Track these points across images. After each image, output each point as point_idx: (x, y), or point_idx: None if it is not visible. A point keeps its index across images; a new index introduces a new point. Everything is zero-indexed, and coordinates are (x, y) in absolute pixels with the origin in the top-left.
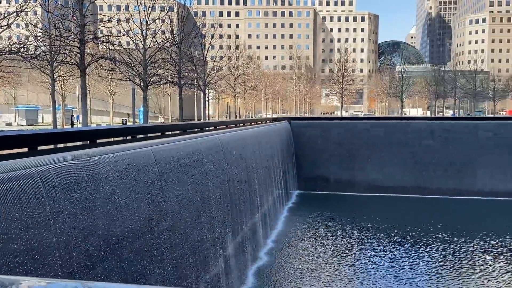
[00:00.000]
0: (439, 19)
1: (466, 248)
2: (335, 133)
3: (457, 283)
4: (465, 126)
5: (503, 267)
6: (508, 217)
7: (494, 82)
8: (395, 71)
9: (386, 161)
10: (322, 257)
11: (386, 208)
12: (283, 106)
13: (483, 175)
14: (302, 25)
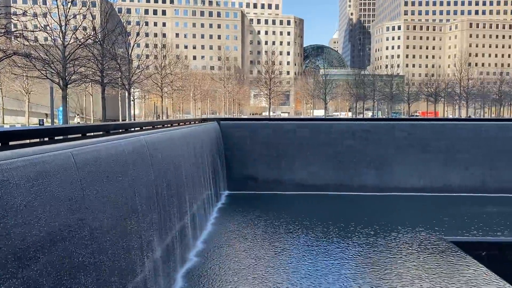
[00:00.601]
0: (359, 25)
1: (385, 240)
2: (263, 134)
3: (378, 273)
4: (383, 126)
5: (419, 256)
6: (422, 210)
7: (409, 86)
8: (319, 74)
9: (311, 160)
10: (251, 256)
11: (312, 205)
12: (212, 106)
13: (399, 172)
14: (230, 26)
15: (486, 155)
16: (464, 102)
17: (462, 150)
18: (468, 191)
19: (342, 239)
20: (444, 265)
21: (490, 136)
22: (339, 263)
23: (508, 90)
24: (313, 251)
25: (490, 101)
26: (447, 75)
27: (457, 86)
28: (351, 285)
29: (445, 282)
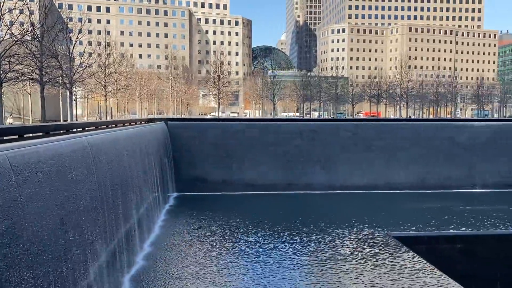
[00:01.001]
0: (306, 27)
1: (332, 236)
2: (212, 134)
3: (325, 269)
4: (329, 127)
5: (364, 251)
6: (366, 207)
7: (353, 87)
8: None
9: (260, 160)
10: (201, 257)
11: (261, 205)
12: (159, 106)
13: (345, 170)
14: (177, 25)
15: (424, 153)
16: (404, 103)
17: (403, 149)
18: (409, 188)
19: (291, 237)
20: (387, 260)
21: (428, 135)
22: (288, 261)
23: (444, 92)
24: (263, 250)
25: (428, 102)
26: (388, 77)
27: (397, 87)
28: (300, 281)
29: (387, 275)
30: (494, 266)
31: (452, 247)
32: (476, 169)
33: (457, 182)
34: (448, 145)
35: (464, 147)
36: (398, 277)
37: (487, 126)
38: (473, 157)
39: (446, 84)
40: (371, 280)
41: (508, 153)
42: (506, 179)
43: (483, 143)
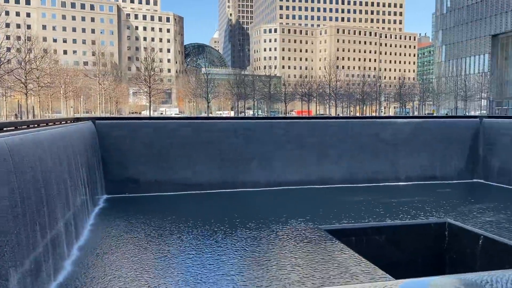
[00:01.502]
0: (238, 25)
1: (267, 232)
2: (144, 133)
3: (261, 264)
4: (263, 125)
5: (297, 245)
6: (300, 202)
7: (285, 86)
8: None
9: (195, 159)
10: (133, 260)
11: (197, 205)
12: (86, 105)
13: (279, 167)
14: (105, 20)
15: (353, 149)
16: (333, 102)
17: (332, 145)
18: (339, 183)
19: (227, 235)
20: (319, 252)
21: (355, 132)
22: (225, 259)
23: (369, 91)
24: (198, 250)
25: (355, 100)
26: (318, 77)
27: (327, 87)
28: (237, 277)
29: (319, 267)
30: (415, 253)
31: (379, 238)
32: (400, 163)
33: (383, 176)
34: (374, 141)
35: (388, 142)
36: (329, 269)
37: (408, 123)
38: (396, 152)
39: (371, 84)
40: (304, 272)
41: (427, 148)
42: (426, 172)
43: (405, 139)
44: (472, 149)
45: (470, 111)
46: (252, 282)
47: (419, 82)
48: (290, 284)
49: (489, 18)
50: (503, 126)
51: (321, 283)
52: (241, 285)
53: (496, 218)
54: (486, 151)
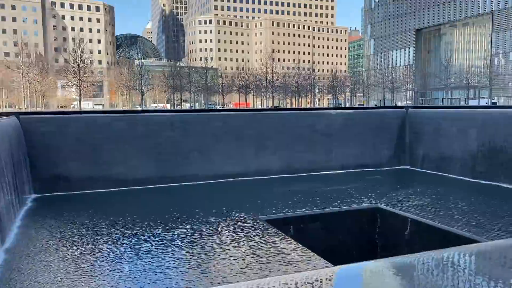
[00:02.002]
0: (172, 16)
1: (207, 225)
2: (74, 128)
3: (201, 258)
4: (200, 117)
5: (238, 236)
6: (239, 194)
7: (222, 78)
8: (134, 64)
9: (130, 154)
10: (65, 262)
11: (133, 201)
12: (9, 99)
13: (217, 160)
14: (27, 8)
15: (290, 140)
16: (270, 94)
17: (270, 136)
18: (277, 173)
19: (166, 230)
20: (259, 242)
21: (292, 123)
22: (164, 255)
23: (304, 83)
24: (137, 247)
25: (291, 92)
26: (255, 69)
27: (264, 79)
28: (177, 272)
29: (259, 256)
30: (350, 238)
31: (315, 225)
32: (334, 153)
33: (318, 165)
34: (309, 132)
35: (323, 133)
36: (268, 257)
37: (341, 114)
38: (331, 142)
39: (305, 76)
40: (245, 262)
41: (359, 137)
42: (358, 160)
43: (338, 129)
44: (399, 138)
45: (397, 102)
46: (193, 276)
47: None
48: (230, 274)
49: (413, 13)
50: (426, 115)
51: (261, 271)
52: (181, 279)
53: (422, 201)
54: (411, 139)
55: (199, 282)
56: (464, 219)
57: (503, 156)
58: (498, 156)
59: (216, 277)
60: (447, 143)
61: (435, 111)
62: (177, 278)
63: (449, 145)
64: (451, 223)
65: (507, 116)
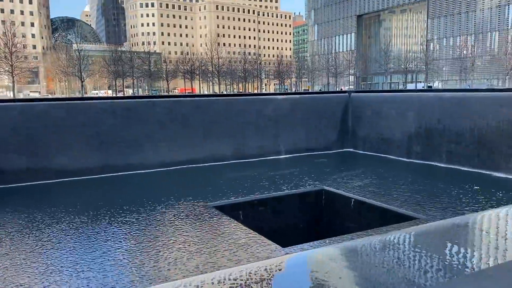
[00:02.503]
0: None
1: (156, 214)
2: (8, 117)
3: (151, 247)
4: (145, 104)
5: (188, 224)
6: (187, 181)
7: (166, 63)
8: (73, 49)
9: (70, 143)
10: (5, 259)
11: (76, 192)
12: None
13: (164, 148)
14: None
15: (236, 126)
16: (216, 79)
17: (217, 123)
18: (225, 159)
19: (113, 221)
20: (208, 229)
21: (239, 109)
22: (112, 246)
23: (250, 69)
24: (83, 240)
25: (238, 78)
26: (200, 54)
27: (209, 64)
28: (126, 262)
29: (208, 243)
30: (298, 220)
31: (265, 209)
32: (281, 138)
33: (266, 150)
34: (257, 118)
35: (270, 118)
36: (218, 243)
37: (287, 99)
38: (278, 127)
39: (252, 61)
40: (193, 249)
41: (305, 122)
42: (304, 145)
43: (285, 115)
44: (343, 122)
45: (340, 87)
46: (142, 265)
47: (295, 59)
48: (180, 263)
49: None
50: (367, 99)
51: (211, 257)
52: (131, 268)
53: (364, 182)
54: (354, 123)
55: (147, 273)
56: (403, 198)
57: (437, 137)
58: (433, 137)
59: (165, 266)
60: (387, 125)
61: (375, 95)
62: (127, 266)
63: (389, 128)
64: (391, 202)
65: (441, 99)
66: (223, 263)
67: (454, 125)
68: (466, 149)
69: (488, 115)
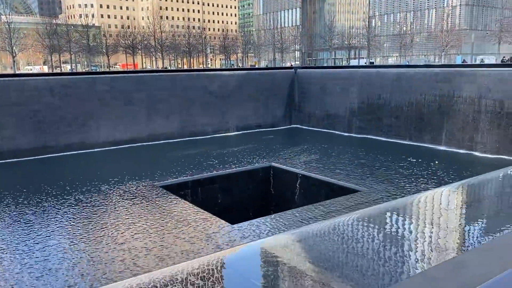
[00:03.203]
0: None
1: (102, 195)
2: None
3: (99, 227)
4: (84, 81)
5: (135, 204)
6: (133, 161)
7: (106, 38)
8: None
9: (4, 123)
10: None
11: (12, 174)
12: None
13: (106, 126)
14: None
15: (182, 103)
16: (159, 54)
17: (162, 100)
18: (171, 138)
19: (55, 203)
20: (156, 209)
21: (184, 85)
22: (55, 229)
23: (195, 43)
24: (23, 223)
25: (182, 53)
26: (142, 28)
27: (152, 38)
28: (69, 245)
29: (156, 223)
30: (247, 197)
31: (213, 187)
32: (228, 115)
33: (213, 127)
34: (203, 94)
35: (217, 95)
36: (166, 222)
37: (234, 75)
38: (225, 104)
39: (196, 35)
40: (145, 229)
41: (252, 99)
42: (252, 121)
43: (232, 91)
44: (289, 98)
45: (286, 62)
46: (87, 247)
47: (241, 34)
48: (126, 242)
49: None
50: (312, 75)
51: (159, 237)
52: (74, 251)
53: (310, 158)
54: (300, 99)
55: (91, 255)
56: (346, 172)
57: (378, 112)
58: (374, 112)
59: (112, 249)
60: (332, 101)
61: (320, 71)
62: (67, 255)
63: (333, 104)
64: (335, 176)
65: (381, 75)
66: (171, 243)
67: (393, 100)
68: (404, 123)
69: (426, 90)
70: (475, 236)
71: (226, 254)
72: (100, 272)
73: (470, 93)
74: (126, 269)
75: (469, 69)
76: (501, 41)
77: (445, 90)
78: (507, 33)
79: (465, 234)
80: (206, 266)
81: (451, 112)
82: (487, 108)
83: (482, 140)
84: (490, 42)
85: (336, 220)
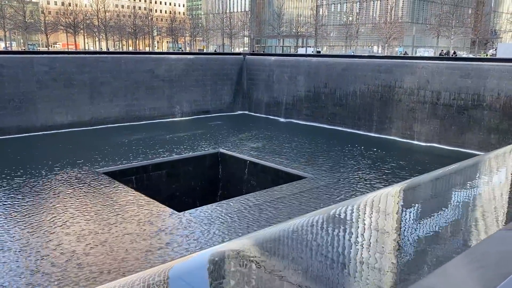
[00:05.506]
0: None
1: (40, 181)
2: None
3: (39, 214)
4: (20, 60)
5: (77, 191)
6: (74, 146)
7: (44, 15)
8: None
9: None
10: None
11: None
12: None
13: (44, 109)
14: None
15: (127, 86)
16: (103, 35)
17: (105, 82)
18: (115, 122)
19: None
20: (99, 196)
21: (129, 68)
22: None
23: (141, 25)
24: None
25: (127, 34)
26: (84, 6)
27: (95, 18)
28: (6, 236)
29: (98, 210)
30: (194, 183)
31: (159, 174)
32: (175, 99)
33: (160, 112)
34: (149, 78)
35: (163, 79)
36: (111, 209)
37: (181, 59)
38: (172, 88)
39: (142, 17)
40: (88, 216)
41: (200, 84)
42: (200, 107)
43: (179, 75)
44: (238, 84)
45: (235, 48)
46: (27, 236)
47: (189, 17)
48: (72, 231)
49: None
50: (261, 62)
51: (102, 227)
52: (14, 240)
53: (257, 144)
54: (249, 85)
55: (31, 244)
56: (293, 158)
57: (323, 100)
58: (319, 100)
59: (52, 240)
60: (279, 89)
61: (269, 58)
62: (4, 244)
63: (281, 91)
64: (282, 163)
65: (326, 64)
66: (115, 233)
67: (338, 89)
68: (347, 111)
69: (368, 80)
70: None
71: (177, 264)
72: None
73: (410, 84)
74: (61, 254)
75: (409, 61)
76: (440, 35)
77: (387, 80)
78: (445, 28)
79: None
80: (157, 277)
81: (392, 102)
82: (425, 98)
83: (419, 129)
84: (430, 35)
85: (290, 223)
